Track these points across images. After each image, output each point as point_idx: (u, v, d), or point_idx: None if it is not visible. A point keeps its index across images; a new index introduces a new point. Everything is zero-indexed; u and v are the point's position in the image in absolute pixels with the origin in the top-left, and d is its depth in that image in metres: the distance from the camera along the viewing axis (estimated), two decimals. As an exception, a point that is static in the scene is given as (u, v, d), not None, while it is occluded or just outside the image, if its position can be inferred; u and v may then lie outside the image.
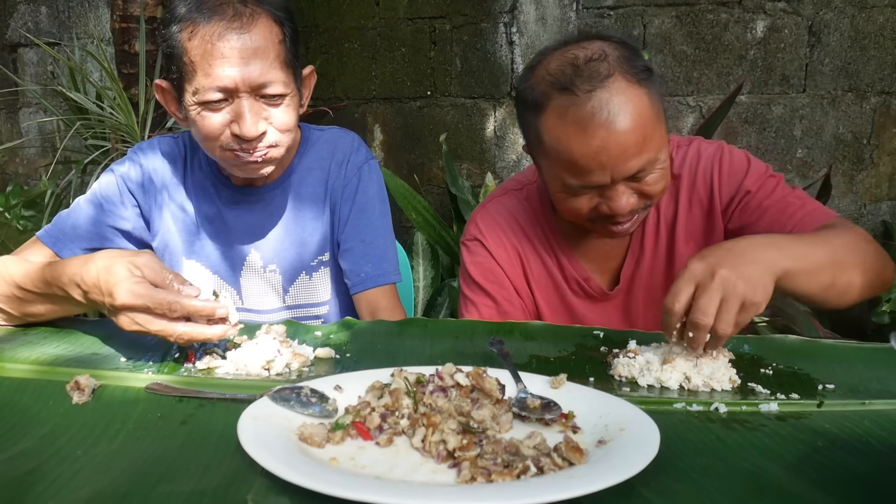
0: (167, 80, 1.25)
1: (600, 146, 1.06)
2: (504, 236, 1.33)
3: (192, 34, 1.15)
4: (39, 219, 2.97)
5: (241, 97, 1.17)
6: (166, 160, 1.39)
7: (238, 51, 1.15)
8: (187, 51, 1.16)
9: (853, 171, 3.02)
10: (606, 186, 1.11)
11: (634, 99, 1.08)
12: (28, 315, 1.13)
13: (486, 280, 1.31)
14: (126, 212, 1.36)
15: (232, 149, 1.21)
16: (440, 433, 0.69)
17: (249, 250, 1.39)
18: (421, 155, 3.41)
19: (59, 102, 3.62)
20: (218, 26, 1.14)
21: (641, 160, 1.08)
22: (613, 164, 1.08)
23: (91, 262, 0.98)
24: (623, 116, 1.06)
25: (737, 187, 1.24)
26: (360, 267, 1.38)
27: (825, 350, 1.01)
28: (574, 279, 1.32)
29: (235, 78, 1.15)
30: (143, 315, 0.92)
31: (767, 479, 0.64)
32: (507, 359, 0.92)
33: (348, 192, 1.40)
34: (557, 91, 1.09)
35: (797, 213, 1.17)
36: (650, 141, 1.09)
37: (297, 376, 0.93)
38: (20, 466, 0.67)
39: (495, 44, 3.20)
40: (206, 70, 1.15)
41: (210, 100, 1.16)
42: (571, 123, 1.08)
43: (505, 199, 1.38)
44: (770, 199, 1.21)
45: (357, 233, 1.39)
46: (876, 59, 2.91)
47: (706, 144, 1.30)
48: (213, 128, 1.19)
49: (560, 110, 1.09)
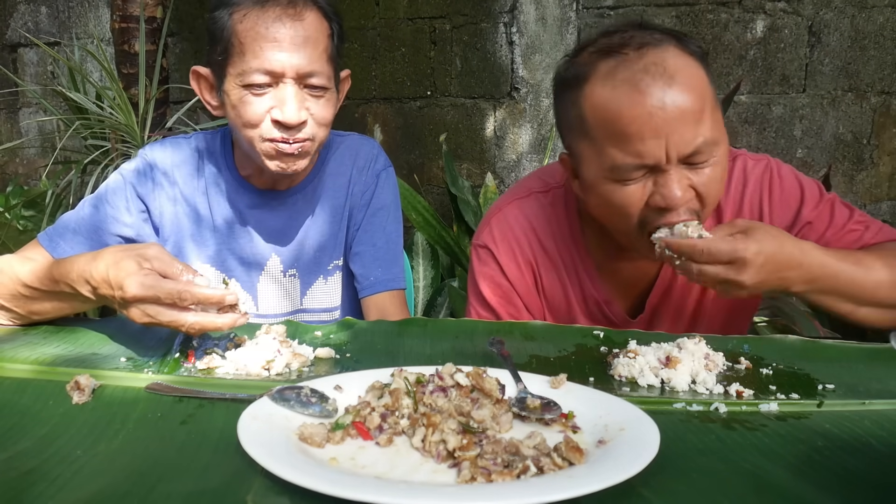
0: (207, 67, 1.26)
1: (655, 107, 0.94)
2: (518, 248, 1.21)
3: (245, 17, 1.17)
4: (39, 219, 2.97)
5: (285, 83, 1.18)
6: (179, 162, 1.37)
7: (290, 37, 1.16)
8: (237, 33, 1.17)
9: (853, 171, 3.03)
10: (660, 170, 0.98)
11: (693, 68, 0.97)
12: (34, 313, 1.12)
13: (493, 294, 1.22)
14: (130, 219, 1.34)
15: (272, 138, 1.20)
16: (440, 433, 0.69)
17: (270, 255, 1.39)
18: (421, 155, 3.41)
19: (59, 102, 3.62)
20: (272, 11, 1.16)
21: (700, 136, 0.95)
22: (669, 131, 0.94)
23: (100, 258, 0.98)
24: (681, 77, 0.94)
25: (793, 218, 1.13)
26: (370, 271, 1.38)
27: (825, 350, 1.01)
28: (594, 300, 1.21)
29: (284, 62, 1.16)
30: (154, 306, 0.93)
31: (767, 479, 0.64)
32: (507, 359, 0.92)
33: (365, 199, 1.41)
34: (603, 55, 0.98)
35: (863, 238, 1.11)
36: (710, 117, 0.97)
37: (297, 376, 0.93)
38: (20, 466, 0.67)
39: (495, 44, 3.20)
40: (255, 52, 1.16)
41: (256, 82, 1.17)
42: (621, 83, 0.95)
43: (526, 203, 1.24)
44: (831, 228, 1.12)
45: (369, 237, 1.40)
46: (876, 59, 2.91)
47: (752, 163, 1.17)
48: (256, 113, 1.19)
49: (608, 73, 0.97)
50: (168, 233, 1.37)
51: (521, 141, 3.25)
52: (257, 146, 1.23)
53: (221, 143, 1.39)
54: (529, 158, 3.26)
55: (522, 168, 3.27)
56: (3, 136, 4.11)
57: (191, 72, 1.29)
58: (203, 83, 1.28)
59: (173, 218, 1.36)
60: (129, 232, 1.34)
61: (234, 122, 1.24)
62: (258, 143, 1.22)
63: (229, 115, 1.24)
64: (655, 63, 0.95)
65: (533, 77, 3.19)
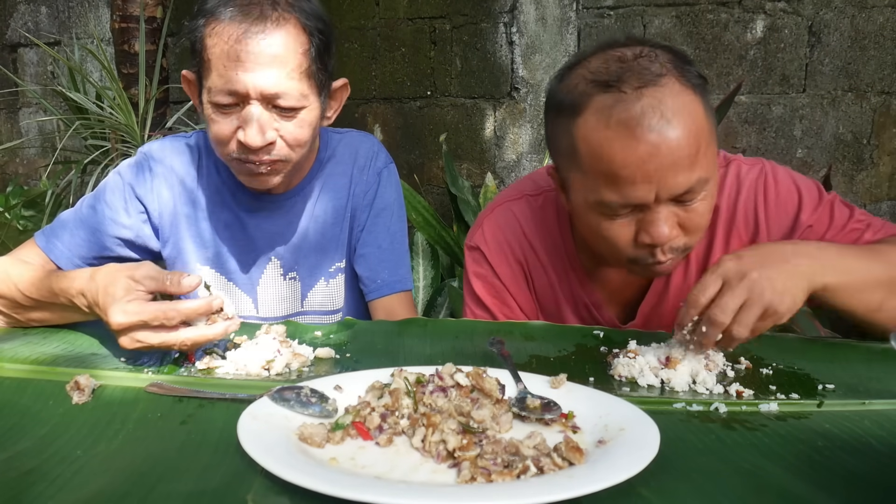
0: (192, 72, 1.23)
1: (649, 153, 0.92)
2: (509, 249, 1.22)
3: (213, 31, 1.12)
4: (39, 219, 2.97)
5: (251, 104, 1.13)
6: (180, 162, 1.34)
7: (254, 55, 1.10)
8: (207, 47, 1.14)
9: (853, 171, 3.03)
10: (648, 209, 0.97)
11: (689, 105, 0.94)
12: (32, 320, 1.13)
13: (487, 294, 1.23)
14: (129, 220, 1.31)
15: (239, 157, 1.18)
16: (440, 433, 0.69)
17: (270, 258, 1.36)
18: (421, 155, 3.41)
19: (59, 102, 3.63)
20: (239, 27, 1.10)
21: (692, 177, 0.94)
22: (661, 176, 0.93)
23: (93, 280, 0.98)
24: (678, 121, 0.92)
25: (791, 223, 1.10)
26: (376, 273, 1.36)
27: (825, 350, 1.01)
28: (584, 305, 1.20)
29: (247, 83, 1.11)
30: (143, 331, 0.92)
31: (767, 479, 0.64)
32: (507, 359, 0.91)
33: (367, 198, 1.38)
34: (601, 89, 0.95)
35: (863, 237, 1.08)
36: (704, 157, 0.95)
37: (297, 376, 0.93)
38: (20, 466, 0.67)
39: (495, 44, 3.20)
40: (220, 71, 1.12)
41: (221, 102, 1.14)
42: (616, 125, 0.93)
43: (517, 205, 1.24)
44: (832, 229, 1.09)
45: (374, 238, 1.37)
46: (876, 59, 2.91)
47: (746, 168, 1.15)
48: (223, 132, 1.17)
49: (603, 110, 0.95)
50: (168, 234, 1.34)
51: (521, 141, 3.25)
52: (229, 163, 1.22)
53: None
54: (529, 158, 3.26)
55: (522, 168, 3.27)
56: (4, 136, 4.11)
57: (181, 76, 1.26)
58: (193, 88, 1.25)
59: (173, 220, 1.34)
60: (127, 234, 1.31)
61: (209, 137, 1.22)
62: (227, 160, 1.21)
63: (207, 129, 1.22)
64: (652, 106, 0.92)
65: (533, 77, 3.19)
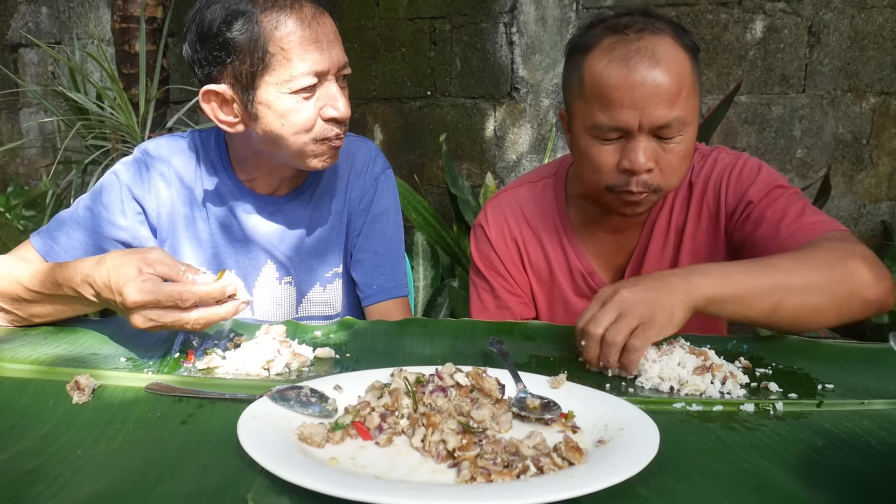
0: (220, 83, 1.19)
1: (637, 82, 1.09)
2: (506, 227, 1.37)
3: (280, 23, 1.15)
4: (40, 219, 2.98)
5: (329, 80, 1.20)
6: (179, 161, 1.33)
7: (326, 35, 1.18)
8: (276, 40, 1.14)
9: (853, 172, 3.03)
10: (632, 137, 1.12)
11: (680, 58, 1.12)
12: (35, 315, 1.12)
13: (485, 267, 1.38)
14: (125, 222, 1.30)
15: (325, 137, 1.21)
16: (440, 433, 0.70)
17: (265, 261, 1.36)
18: (421, 155, 3.41)
19: (60, 103, 3.63)
20: (304, 13, 1.17)
21: (672, 113, 1.10)
22: (645, 104, 1.09)
23: (103, 263, 0.98)
24: (666, 63, 1.10)
25: (741, 196, 1.22)
26: (372, 279, 1.36)
27: (825, 350, 1.01)
28: (579, 272, 1.34)
29: (329, 61, 1.18)
30: (156, 310, 0.93)
31: (767, 479, 0.64)
32: (507, 359, 0.92)
33: (364, 203, 1.38)
34: (610, 32, 1.15)
35: (790, 225, 1.14)
36: (685, 101, 1.11)
37: (297, 376, 0.93)
38: (20, 466, 0.67)
39: (495, 44, 3.20)
40: (302, 56, 1.15)
41: (306, 85, 1.17)
42: (616, 58, 1.12)
43: (518, 190, 1.41)
44: (770, 209, 1.18)
45: (370, 244, 1.38)
46: (875, 60, 2.91)
47: (725, 154, 1.29)
48: (309, 116, 1.18)
49: (608, 47, 1.13)
50: (165, 233, 1.33)
51: (521, 141, 3.25)
52: (308, 149, 1.21)
53: (216, 146, 1.34)
54: (529, 158, 3.26)
55: (522, 168, 3.27)
56: (4, 137, 4.11)
57: (202, 94, 1.20)
58: (219, 99, 1.20)
59: (170, 218, 1.33)
60: (124, 235, 1.30)
61: (278, 132, 1.19)
62: (310, 146, 1.21)
63: (268, 126, 1.19)
64: (647, 47, 1.11)
65: (533, 77, 3.19)
